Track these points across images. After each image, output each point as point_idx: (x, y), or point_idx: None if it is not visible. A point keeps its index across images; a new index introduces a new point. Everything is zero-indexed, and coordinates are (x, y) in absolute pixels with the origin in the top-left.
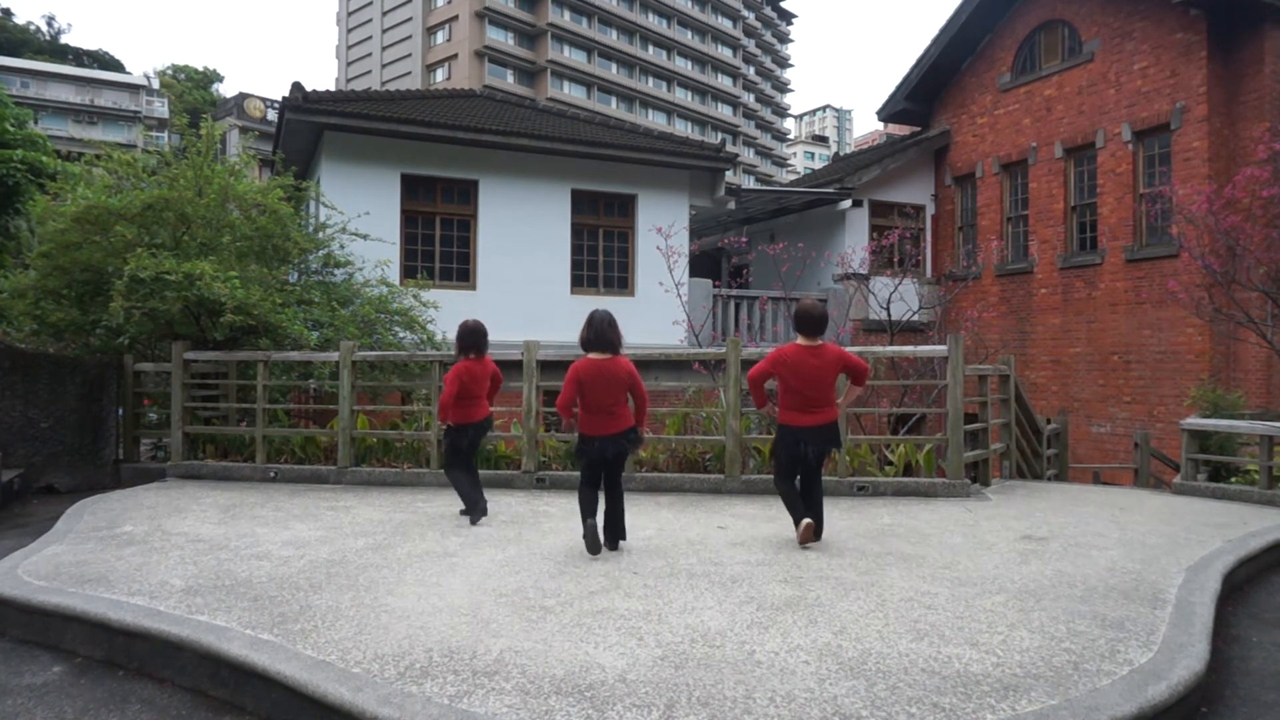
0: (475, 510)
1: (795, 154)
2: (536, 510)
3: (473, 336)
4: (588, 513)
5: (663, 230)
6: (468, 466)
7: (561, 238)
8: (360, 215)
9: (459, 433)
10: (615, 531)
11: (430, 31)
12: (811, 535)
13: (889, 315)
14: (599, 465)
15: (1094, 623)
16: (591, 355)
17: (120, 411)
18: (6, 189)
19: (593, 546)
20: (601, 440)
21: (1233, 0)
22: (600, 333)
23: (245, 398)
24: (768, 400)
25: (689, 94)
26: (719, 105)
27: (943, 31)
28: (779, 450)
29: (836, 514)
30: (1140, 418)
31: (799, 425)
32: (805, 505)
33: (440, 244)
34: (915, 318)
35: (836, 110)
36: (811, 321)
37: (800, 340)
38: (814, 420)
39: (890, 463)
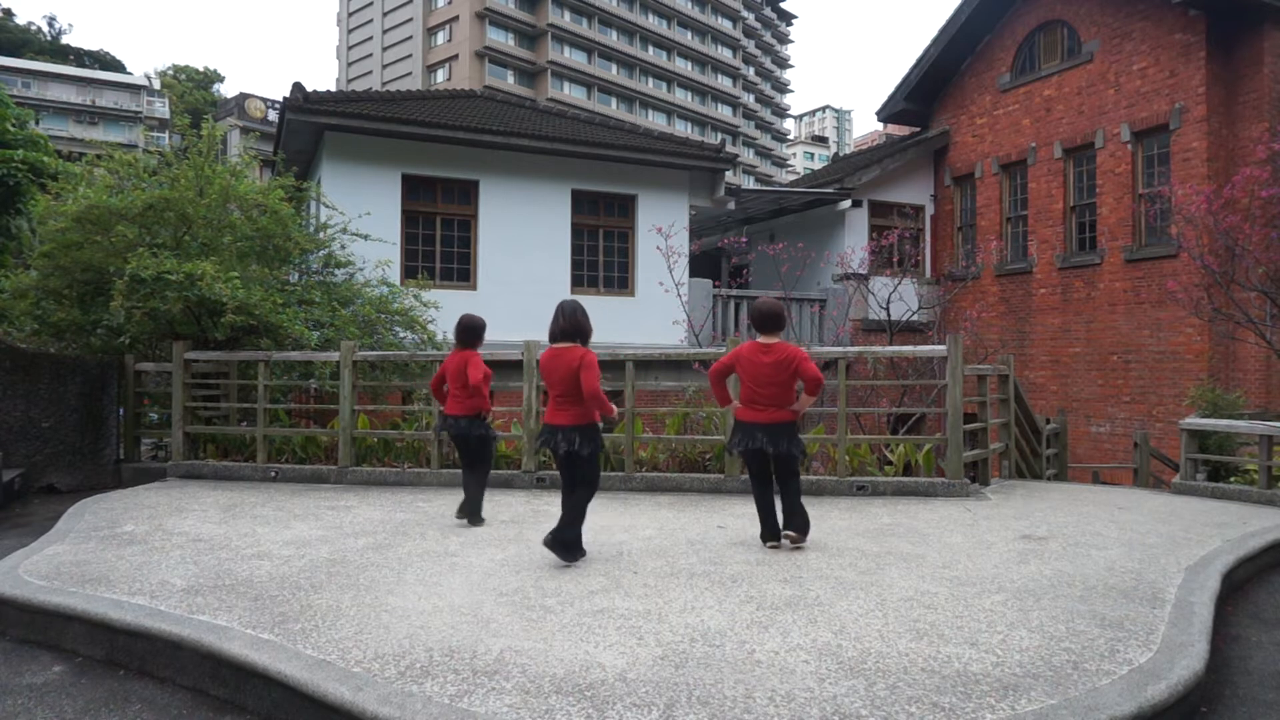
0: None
1: (795, 154)
2: (537, 510)
3: (464, 332)
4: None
5: (663, 230)
6: (467, 466)
7: (562, 238)
8: (361, 215)
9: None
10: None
11: (430, 32)
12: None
13: (888, 315)
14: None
15: (1093, 622)
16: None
17: (121, 411)
18: (7, 189)
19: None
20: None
21: (1232, 0)
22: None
23: (246, 397)
24: (730, 399)
25: (689, 94)
26: (719, 106)
27: (942, 32)
28: (731, 443)
29: (836, 514)
30: (1139, 417)
31: (745, 420)
32: (784, 513)
33: (441, 244)
34: (915, 318)
35: (836, 111)
36: (762, 319)
37: (758, 337)
38: (761, 417)
39: (890, 462)
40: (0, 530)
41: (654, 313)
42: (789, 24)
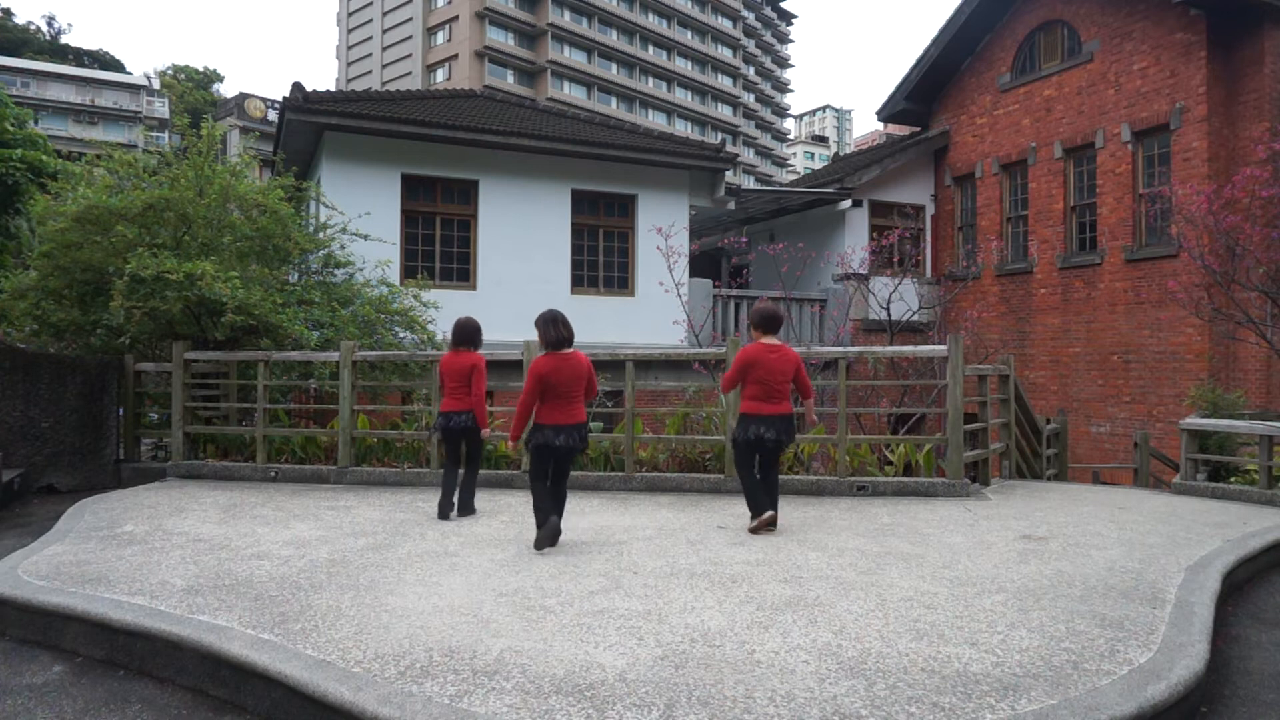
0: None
1: (795, 154)
2: None
3: (463, 333)
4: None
5: (663, 230)
6: (457, 464)
7: (561, 238)
8: (360, 215)
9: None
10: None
11: (430, 32)
12: (768, 526)
13: (889, 315)
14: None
15: (1093, 622)
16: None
17: (121, 411)
18: (7, 189)
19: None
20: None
21: (1232, 0)
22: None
23: (246, 398)
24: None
25: (689, 94)
26: (719, 105)
27: (942, 31)
28: (740, 435)
29: (837, 514)
30: (1140, 417)
31: (761, 414)
32: (765, 495)
33: (440, 244)
34: (915, 318)
35: (836, 110)
36: (774, 321)
37: (762, 339)
38: (774, 410)
39: (890, 463)
40: (0, 530)
41: (654, 313)
42: (789, 23)
